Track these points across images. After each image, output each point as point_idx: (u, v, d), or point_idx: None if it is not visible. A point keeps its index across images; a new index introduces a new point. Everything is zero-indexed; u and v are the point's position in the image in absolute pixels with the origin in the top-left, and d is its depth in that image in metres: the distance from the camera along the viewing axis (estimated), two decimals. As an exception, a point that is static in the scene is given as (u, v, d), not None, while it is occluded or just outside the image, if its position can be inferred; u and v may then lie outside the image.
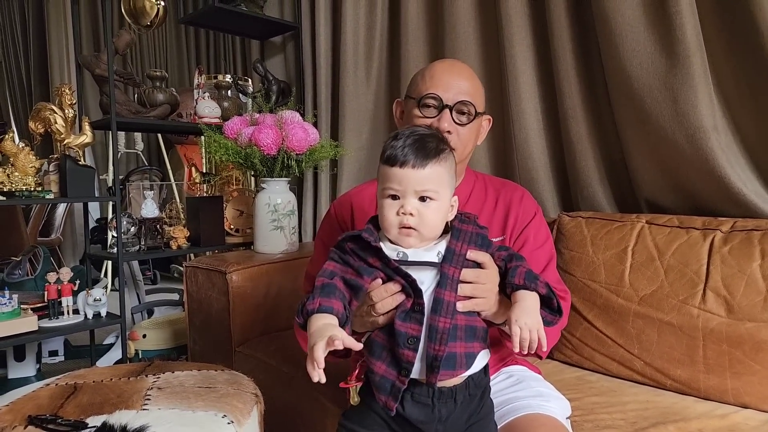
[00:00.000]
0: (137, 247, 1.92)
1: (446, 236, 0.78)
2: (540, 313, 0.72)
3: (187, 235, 1.96)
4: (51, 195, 1.73)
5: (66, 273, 1.70)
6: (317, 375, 0.65)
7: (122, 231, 1.83)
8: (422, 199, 0.75)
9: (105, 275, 3.64)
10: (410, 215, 0.74)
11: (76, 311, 1.76)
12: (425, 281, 0.74)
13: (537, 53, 1.59)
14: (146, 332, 2.13)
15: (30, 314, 1.63)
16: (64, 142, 1.78)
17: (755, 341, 1.06)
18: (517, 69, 1.57)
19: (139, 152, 4.11)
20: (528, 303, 0.72)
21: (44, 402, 1.03)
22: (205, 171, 2.53)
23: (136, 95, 1.98)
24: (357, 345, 0.66)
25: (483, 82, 1.10)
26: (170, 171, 3.99)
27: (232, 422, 0.96)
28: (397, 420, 0.77)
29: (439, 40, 1.80)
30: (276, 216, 1.77)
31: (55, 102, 1.82)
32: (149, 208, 1.92)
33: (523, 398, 0.93)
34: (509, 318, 0.71)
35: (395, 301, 0.75)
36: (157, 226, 1.95)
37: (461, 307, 0.74)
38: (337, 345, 0.63)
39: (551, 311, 0.75)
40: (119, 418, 0.94)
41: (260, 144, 1.65)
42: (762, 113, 1.23)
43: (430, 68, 1.03)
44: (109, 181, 3.54)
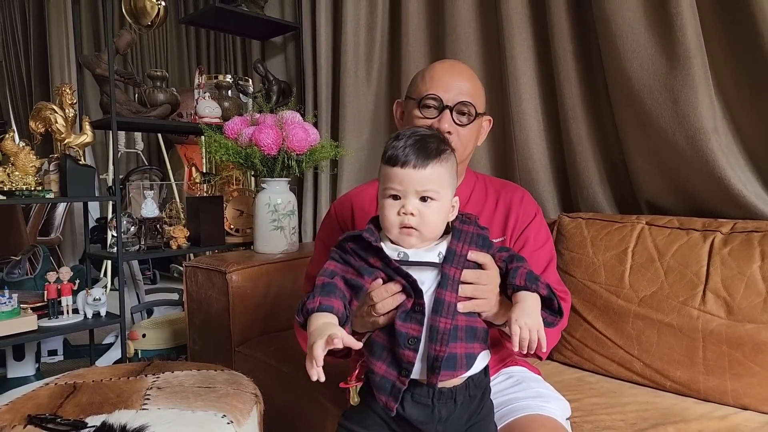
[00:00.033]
0: (137, 247, 1.92)
1: (447, 237, 0.78)
2: (541, 315, 0.72)
3: (187, 235, 1.96)
4: (51, 194, 1.74)
5: (66, 272, 1.70)
6: (316, 373, 0.65)
7: (122, 231, 1.83)
8: (423, 200, 0.75)
9: (104, 275, 3.64)
10: (411, 215, 0.74)
11: (76, 311, 1.76)
12: (426, 281, 0.74)
13: (537, 54, 1.59)
14: (146, 332, 2.13)
15: (29, 313, 1.63)
16: (65, 142, 1.78)
17: (755, 343, 1.06)
18: (518, 70, 1.57)
19: (139, 152, 4.11)
20: (529, 304, 0.72)
21: (44, 401, 1.03)
22: (206, 171, 2.53)
23: (137, 95, 1.98)
24: (357, 344, 0.66)
25: (483, 83, 1.10)
26: (170, 171, 4.00)
27: (232, 422, 0.96)
28: (397, 420, 0.77)
29: (440, 41, 1.80)
30: (276, 216, 1.77)
31: (56, 101, 1.82)
32: (149, 208, 1.92)
33: (523, 399, 0.93)
34: (509, 317, 0.71)
35: (396, 302, 0.75)
36: (157, 226, 1.95)
37: (462, 308, 0.74)
38: (337, 344, 0.63)
39: (552, 312, 0.75)
40: (119, 418, 0.94)
41: (260, 144, 1.65)
42: (762, 115, 1.23)
43: (431, 69, 1.03)
44: (109, 181, 3.54)
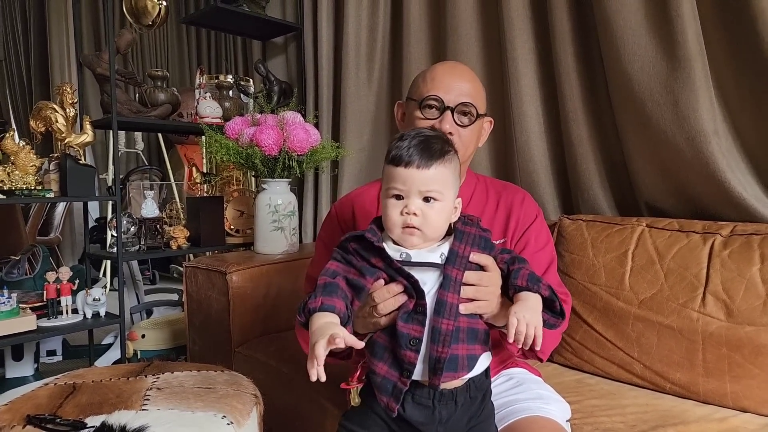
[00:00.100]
0: (137, 247, 1.92)
1: (449, 238, 0.78)
2: (542, 316, 0.72)
3: (187, 235, 1.96)
4: (51, 194, 1.73)
5: (65, 272, 1.70)
6: (315, 373, 0.64)
7: (122, 231, 1.83)
8: (426, 200, 0.75)
9: (104, 275, 3.64)
10: (414, 215, 0.74)
11: (75, 311, 1.76)
12: (428, 282, 0.74)
13: (538, 56, 1.59)
14: (145, 332, 2.13)
15: (29, 313, 1.63)
16: (65, 141, 1.78)
17: (754, 345, 1.06)
18: (519, 71, 1.57)
19: (139, 152, 4.11)
20: (530, 302, 0.72)
21: (43, 402, 1.03)
22: (206, 171, 2.53)
23: (137, 95, 1.98)
24: (359, 343, 0.66)
25: (484, 85, 1.10)
26: (170, 171, 3.99)
27: (232, 423, 0.96)
28: (398, 421, 0.77)
29: (441, 42, 1.80)
30: (276, 217, 1.77)
31: (56, 101, 1.82)
32: (149, 208, 1.92)
33: (523, 401, 0.93)
34: (509, 312, 0.70)
35: (397, 302, 0.74)
36: (157, 226, 1.95)
37: (464, 310, 0.74)
38: (339, 343, 0.63)
39: (554, 314, 0.75)
40: (118, 418, 0.94)
41: (261, 144, 1.65)
42: (762, 118, 1.24)
43: (432, 70, 1.03)
44: (109, 181, 3.54)
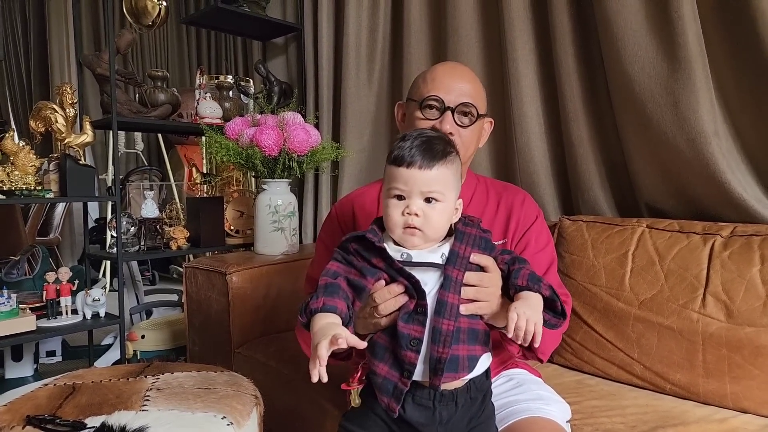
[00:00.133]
0: (137, 248, 1.92)
1: (450, 239, 0.78)
2: (543, 316, 0.72)
3: (187, 236, 1.96)
4: (51, 194, 1.73)
5: (65, 273, 1.70)
6: (317, 373, 0.64)
7: (122, 231, 1.82)
8: (428, 201, 0.75)
9: (103, 275, 3.63)
10: (415, 215, 0.74)
11: (75, 311, 1.75)
12: (428, 283, 0.74)
13: (539, 57, 1.59)
14: (145, 333, 2.12)
15: (28, 314, 1.63)
16: (65, 142, 1.78)
17: (754, 346, 1.06)
18: (519, 72, 1.57)
19: (139, 152, 4.11)
20: (531, 301, 0.72)
21: (43, 402, 1.03)
22: (206, 171, 2.53)
23: (137, 95, 1.98)
24: (361, 343, 0.66)
25: (485, 85, 1.10)
26: (170, 171, 3.99)
27: (232, 423, 0.96)
28: (398, 422, 0.77)
29: (442, 43, 1.80)
30: (276, 217, 1.77)
31: (56, 101, 1.82)
32: (149, 209, 1.92)
33: (524, 401, 0.93)
34: (509, 308, 0.70)
35: (398, 303, 0.75)
36: (157, 227, 1.95)
37: (464, 310, 0.74)
38: (341, 344, 0.63)
39: (555, 314, 0.75)
40: (118, 419, 0.93)
41: (261, 145, 1.65)
42: (763, 119, 1.24)
43: (432, 71, 1.03)
44: (109, 181, 3.54)
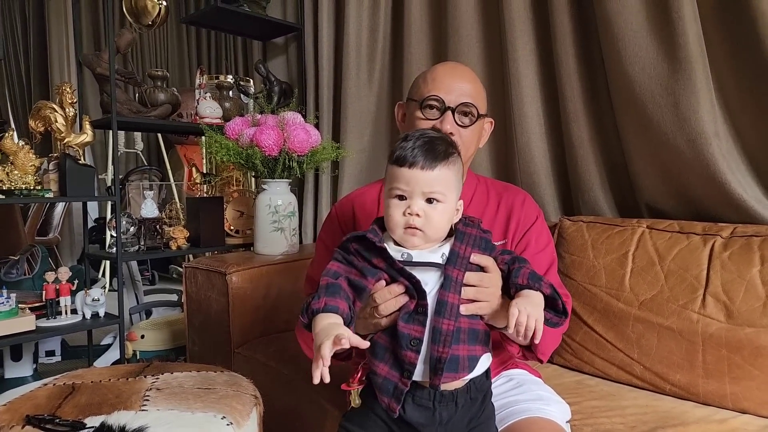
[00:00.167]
0: (136, 248, 1.92)
1: (450, 239, 0.78)
2: (545, 314, 0.72)
3: (187, 236, 1.96)
4: (50, 194, 1.73)
5: (64, 272, 1.70)
6: (320, 374, 0.64)
7: (121, 231, 1.82)
8: (429, 201, 0.75)
9: (103, 275, 3.63)
10: (416, 216, 0.74)
11: (74, 311, 1.75)
12: (429, 283, 0.74)
13: (540, 57, 1.59)
14: (144, 333, 2.12)
15: (28, 313, 1.63)
16: (64, 141, 1.78)
17: (754, 346, 1.06)
18: (520, 72, 1.57)
19: (139, 152, 4.11)
20: (532, 298, 0.72)
21: (42, 402, 1.02)
22: (206, 171, 2.53)
23: (137, 95, 1.98)
24: (364, 343, 0.66)
25: (485, 86, 1.10)
26: (170, 171, 3.99)
27: (231, 424, 0.96)
28: (398, 423, 0.77)
29: (442, 43, 1.80)
30: (276, 217, 1.77)
31: (56, 100, 1.82)
32: (149, 208, 1.92)
33: (523, 402, 0.93)
34: (510, 304, 0.70)
35: (398, 303, 0.75)
36: (157, 227, 1.95)
37: (464, 311, 0.74)
38: (344, 344, 0.63)
39: (556, 313, 0.75)
40: (118, 419, 0.93)
41: (261, 145, 1.65)
42: (763, 119, 1.24)
43: (432, 71, 1.03)
44: (108, 181, 3.54)
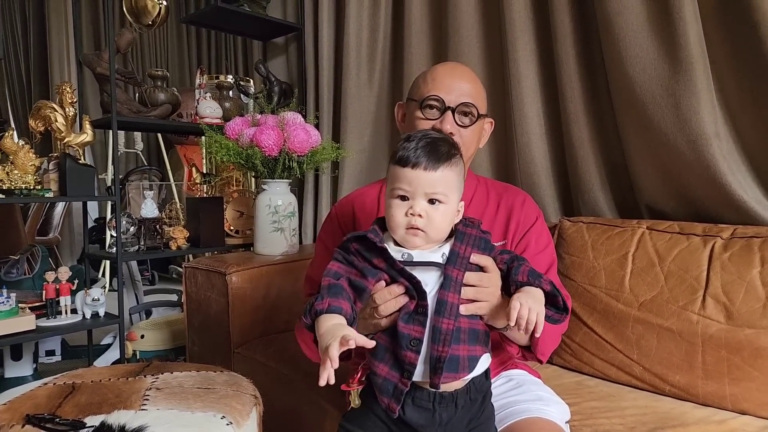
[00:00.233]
0: (136, 248, 1.92)
1: (450, 240, 0.78)
2: (546, 311, 0.72)
3: (187, 236, 1.96)
4: (50, 194, 1.73)
5: (64, 272, 1.70)
6: (327, 376, 0.64)
7: (121, 231, 1.82)
8: (431, 202, 0.75)
9: (103, 275, 3.64)
10: (419, 216, 0.74)
11: (74, 311, 1.75)
12: (429, 283, 0.74)
13: (540, 57, 1.59)
14: (144, 333, 2.12)
15: (28, 313, 1.63)
16: (65, 141, 1.78)
17: (754, 348, 1.06)
18: (520, 73, 1.57)
19: (139, 152, 4.11)
20: (532, 293, 0.72)
21: (42, 401, 1.02)
22: (206, 171, 2.53)
23: (137, 95, 1.98)
24: (370, 343, 0.66)
25: (485, 86, 1.10)
26: (170, 171, 3.99)
27: (231, 423, 0.96)
28: (398, 423, 0.77)
29: (443, 43, 1.80)
30: (276, 218, 1.77)
31: (56, 100, 1.82)
32: (149, 208, 1.92)
33: (523, 402, 0.93)
34: (511, 298, 0.70)
35: (398, 304, 0.75)
36: (157, 227, 1.95)
37: (464, 311, 0.74)
38: (351, 344, 0.63)
39: (557, 310, 0.75)
40: (118, 418, 0.93)
41: (261, 145, 1.65)
42: (764, 120, 1.24)
43: (432, 71, 1.03)
44: (108, 181, 3.54)
